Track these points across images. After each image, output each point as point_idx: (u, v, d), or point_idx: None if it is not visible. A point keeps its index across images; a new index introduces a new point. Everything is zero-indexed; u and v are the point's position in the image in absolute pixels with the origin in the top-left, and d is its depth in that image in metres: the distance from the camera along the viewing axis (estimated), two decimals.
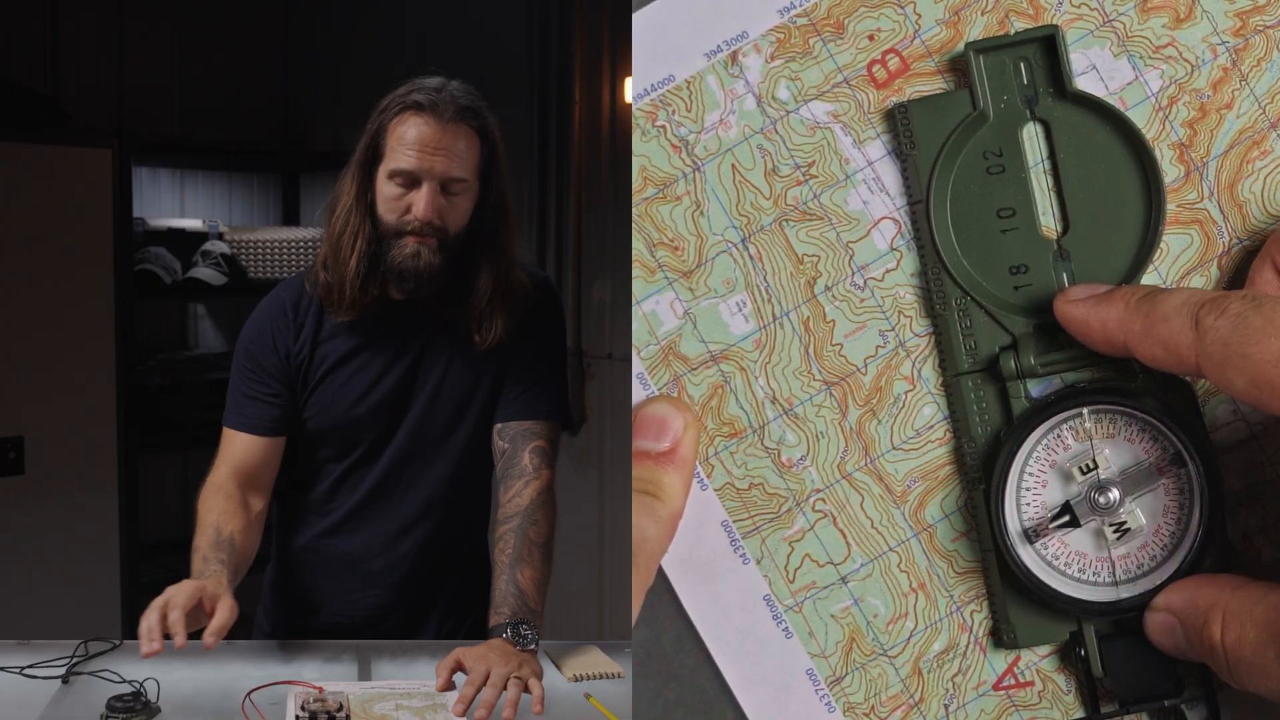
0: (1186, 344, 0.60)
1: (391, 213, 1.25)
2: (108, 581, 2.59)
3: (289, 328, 1.32)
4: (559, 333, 1.39)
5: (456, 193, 1.25)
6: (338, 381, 1.32)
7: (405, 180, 1.24)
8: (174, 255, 2.92)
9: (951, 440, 0.68)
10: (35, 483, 2.51)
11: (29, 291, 2.48)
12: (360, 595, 1.34)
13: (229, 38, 3.23)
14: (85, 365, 2.56)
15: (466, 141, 1.25)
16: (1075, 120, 0.67)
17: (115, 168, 2.58)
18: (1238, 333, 0.58)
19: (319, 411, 1.32)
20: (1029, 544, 0.65)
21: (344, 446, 1.33)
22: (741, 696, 0.68)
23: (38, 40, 2.89)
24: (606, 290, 2.62)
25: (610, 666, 1.25)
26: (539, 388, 1.32)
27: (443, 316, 1.29)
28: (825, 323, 0.69)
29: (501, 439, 1.31)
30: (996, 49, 0.67)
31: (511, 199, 1.33)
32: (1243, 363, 0.58)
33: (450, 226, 1.26)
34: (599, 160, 2.62)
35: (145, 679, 1.11)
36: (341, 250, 1.27)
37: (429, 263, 1.24)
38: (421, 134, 1.23)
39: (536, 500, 1.26)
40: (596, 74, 2.60)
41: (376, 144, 1.26)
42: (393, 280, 1.27)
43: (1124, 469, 0.65)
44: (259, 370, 1.33)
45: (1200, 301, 0.60)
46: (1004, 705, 0.68)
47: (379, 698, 1.13)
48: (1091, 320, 0.63)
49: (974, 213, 0.68)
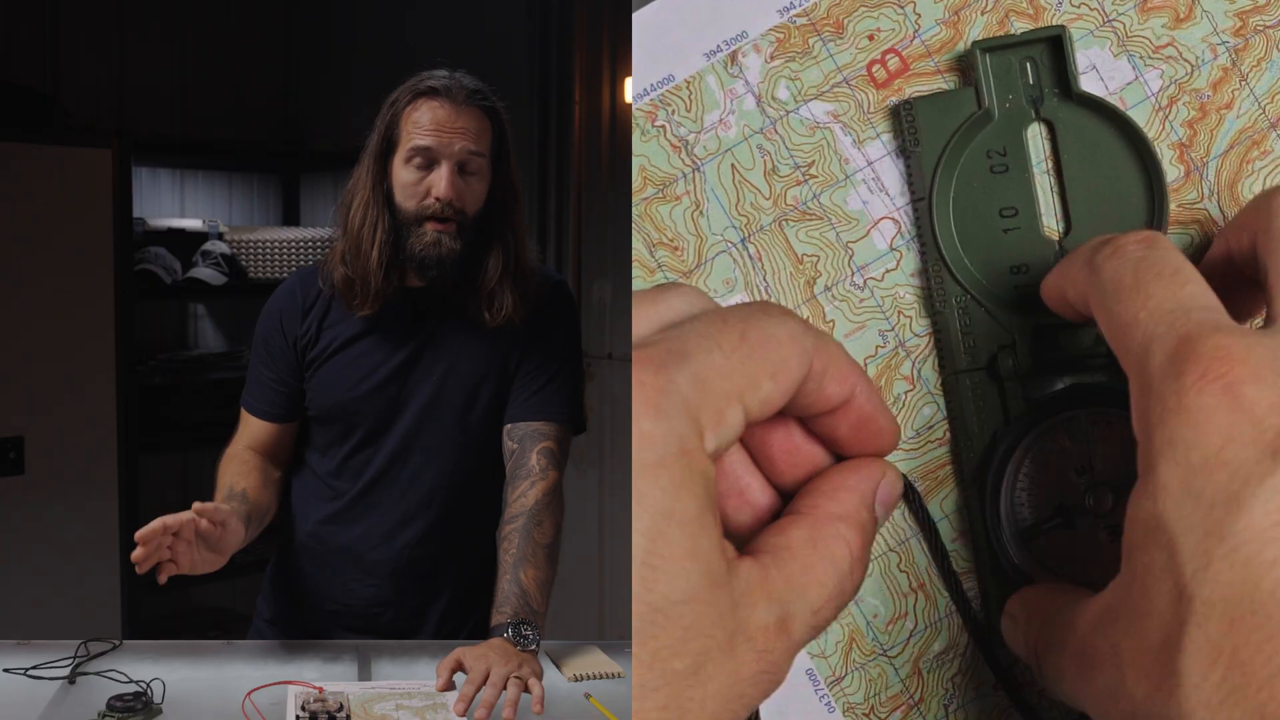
0: (1082, 280, 0.57)
1: (410, 199, 1.27)
2: (108, 581, 2.59)
3: (297, 313, 1.35)
4: (573, 336, 1.40)
5: (473, 171, 1.28)
6: (341, 364, 1.34)
7: (424, 161, 1.26)
8: (174, 255, 2.93)
9: (951, 440, 0.68)
10: (35, 483, 2.51)
11: (29, 291, 2.48)
12: (359, 585, 1.35)
13: (229, 38, 3.23)
14: (85, 365, 2.57)
15: (479, 122, 1.28)
16: (1080, 121, 0.67)
17: (115, 168, 2.58)
18: (1119, 276, 0.55)
19: (322, 393, 1.34)
20: (1024, 545, 0.65)
21: (346, 430, 1.34)
22: None
23: (38, 40, 2.89)
24: (606, 290, 2.62)
25: (610, 666, 1.25)
26: (550, 389, 1.33)
27: (454, 300, 1.30)
28: (825, 323, 0.69)
29: (511, 439, 1.31)
30: (1003, 48, 0.67)
31: (520, 181, 1.35)
32: (1105, 316, 0.55)
33: (469, 209, 1.28)
34: (599, 160, 2.62)
35: (151, 679, 1.11)
36: (362, 243, 1.27)
37: (450, 249, 1.26)
38: (437, 116, 1.26)
39: (542, 501, 1.27)
40: (596, 74, 2.60)
41: (391, 134, 1.28)
42: (413, 269, 1.28)
43: (1119, 470, 0.65)
44: (271, 355, 1.36)
45: (1102, 242, 0.57)
46: (1004, 705, 0.68)
47: (379, 698, 1.13)
48: (1048, 283, 0.62)
49: (976, 211, 0.68)
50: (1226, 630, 0.48)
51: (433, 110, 1.26)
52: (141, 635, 2.40)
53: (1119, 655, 0.51)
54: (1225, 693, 0.47)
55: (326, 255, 1.34)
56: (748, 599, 0.53)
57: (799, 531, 0.56)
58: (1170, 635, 0.49)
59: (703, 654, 0.51)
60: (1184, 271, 0.54)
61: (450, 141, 1.25)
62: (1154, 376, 0.52)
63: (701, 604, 0.51)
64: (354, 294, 1.29)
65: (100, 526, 2.59)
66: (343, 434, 1.34)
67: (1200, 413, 0.50)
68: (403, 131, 1.26)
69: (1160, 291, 0.53)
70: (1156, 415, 0.51)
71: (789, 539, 0.56)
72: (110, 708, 1.07)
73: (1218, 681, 0.48)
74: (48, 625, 2.29)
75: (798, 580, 0.54)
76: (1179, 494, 0.49)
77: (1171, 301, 0.53)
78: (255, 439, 1.35)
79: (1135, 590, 0.51)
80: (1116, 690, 0.52)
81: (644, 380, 0.52)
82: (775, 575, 0.54)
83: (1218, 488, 0.49)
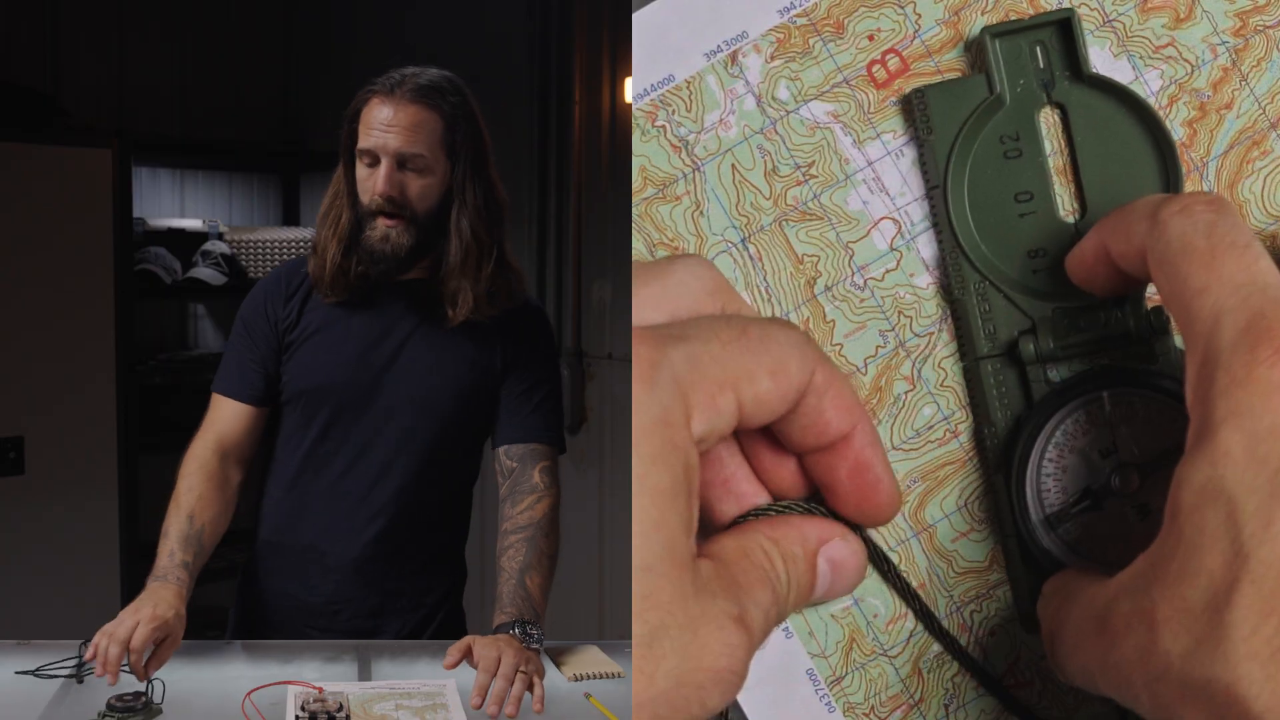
0: (1140, 235, 0.57)
1: (364, 194, 1.32)
2: (108, 581, 2.59)
3: (280, 297, 1.38)
4: (555, 360, 1.45)
5: (417, 169, 1.31)
6: (316, 346, 1.37)
7: (370, 160, 1.30)
8: (174, 255, 2.93)
9: (952, 440, 0.68)
10: (35, 483, 2.51)
11: (29, 292, 2.48)
12: (320, 581, 1.36)
13: (229, 38, 3.23)
14: (85, 365, 2.57)
15: (423, 119, 1.30)
16: (1092, 103, 0.67)
17: (115, 168, 2.58)
18: (1189, 239, 0.55)
19: (298, 375, 1.37)
20: (1051, 529, 0.65)
21: (315, 415, 1.37)
22: (741, 696, 0.68)
23: (38, 40, 2.89)
24: (606, 290, 2.62)
25: (610, 666, 1.25)
26: (543, 410, 1.38)
27: (419, 295, 1.35)
28: (825, 323, 0.69)
29: (509, 459, 1.36)
30: (1013, 33, 0.67)
31: (494, 179, 1.37)
32: (1170, 274, 0.55)
33: (417, 205, 1.32)
34: (599, 160, 2.62)
35: (152, 679, 1.11)
36: (323, 231, 1.35)
37: (396, 244, 1.30)
38: (380, 114, 1.30)
39: (550, 515, 1.32)
40: (596, 74, 2.60)
41: (353, 132, 1.33)
42: (368, 260, 1.32)
43: (1144, 450, 0.65)
44: (252, 337, 1.39)
45: (1165, 199, 0.57)
46: (1004, 705, 0.68)
47: (379, 698, 1.13)
48: (1083, 245, 0.62)
49: (991, 197, 0.67)
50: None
51: (377, 109, 1.30)
52: None
53: (1153, 616, 0.52)
54: (1276, 647, 0.48)
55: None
56: (708, 589, 0.54)
57: (730, 540, 0.58)
58: (1218, 593, 0.50)
59: (659, 627, 0.52)
60: (1255, 245, 0.55)
61: (386, 140, 1.29)
62: (1222, 348, 0.52)
63: (658, 576, 0.52)
64: (321, 282, 1.34)
65: (100, 526, 2.59)
66: (311, 420, 1.37)
67: (1270, 385, 0.51)
68: (359, 130, 1.31)
69: (1234, 263, 0.54)
70: (1222, 385, 0.52)
71: (722, 545, 0.58)
72: (110, 708, 1.07)
73: (1269, 635, 0.49)
74: (48, 625, 2.29)
75: (741, 581, 0.56)
76: (1242, 458, 0.51)
77: (1244, 275, 0.53)
78: (225, 430, 1.35)
79: (1182, 552, 0.52)
80: (1146, 652, 0.52)
81: (641, 353, 0.53)
82: (723, 574, 0.56)
83: None
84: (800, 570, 0.59)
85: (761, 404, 0.56)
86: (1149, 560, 0.54)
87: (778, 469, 0.61)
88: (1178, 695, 0.51)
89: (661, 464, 0.52)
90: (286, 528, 1.37)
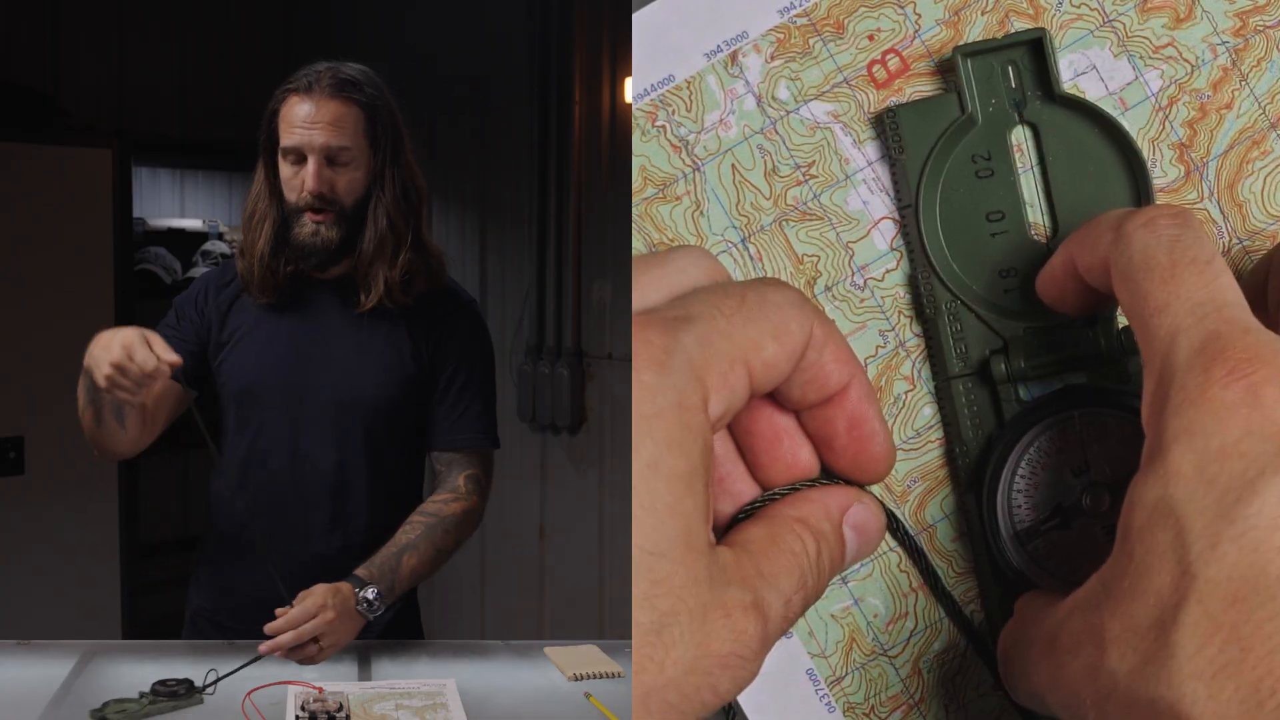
0: (1105, 246, 0.57)
1: (291, 191, 1.34)
2: (108, 581, 2.59)
3: (214, 292, 1.41)
4: (488, 357, 1.46)
5: (344, 163, 1.33)
6: (244, 349, 1.39)
7: (295, 158, 1.32)
8: (174, 255, 2.93)
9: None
10: (35, 483, 2.51)
11: (29, 292, 2.48)
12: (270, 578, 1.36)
13: (229, 38, 3.23)
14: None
15: (345, 112, 1.32)
16: (1063, 123, 0.67)
17: (115, 168, 2.58)
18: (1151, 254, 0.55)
19: (230, 377, 1.39)
20: (1021, 546, 0.65)
21: (247, 415, 1.39)
22: (741, 696, 0.68)
23: (38, 40, 2.89)
24: (606, 290, 2.62)
25: (610, 666, 1.25)
26: (472, 412, 1.40)
27: (347, 291, 1.37)
28: None
29: (439, 463, 1.40)
30: (984, 53, 0.67)
31: (413, 167, 1.39)
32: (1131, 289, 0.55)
33: (344, 198, 1.34)
34: (599, 160, 2.62)
35: (154, 680, 1.11)
36: (251, 235, 1.36)
37: (326, 238, 1.33)
38: (302, 112, 1.31)
39: (459, 516, 1.35)
40: (596, 74, 2.60)
41: (272, 131, 1.35)
42: (297, 257, 1.35)
43: (1116, 470, 0.65)
44: (181, 320, 1.41)
45: (1130, 212, 0.57)
46: (1004, 706, 0.68)
47: (379, 698, 1.13)
48: (1052, 264, 0.61)
49: (963, 216, 0.68)
50: (1227, 607, 0.48)
51: (297, 106, 1.31)
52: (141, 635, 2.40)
53: (1101, 635, 0.52)
54: (1220, 666, 0.48)
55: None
56: (723, 577, 0.53)
57: (757, 529, 0.57)
58: (1166, 612, 0.49)
59: (670, 614, 0.51)
60: (1216, 262, 0.54)
61: (312, 137, 1.30)
62: (1177, 366, 0.52)
63: (673, 562, 0.51)
64: (250, 283, 1.36)
65: (100, 526, 2.59)
66: (248, 420, 1.39)
67: (1222, 406, 0.50)
68: (280, 130, 1.33)
69: (1193, 280, 0.53)
70: (1175, 403, 0.52)
71: (749, 535, 0.57)
72: (155, 692, 1.09)
73: (1213, 655, 0.48)
74: (48, 625, 2.29)
75: (765, 570, 0.55)
76: (1192, 478, 0.50)
77: (1203, 293, 0.53)
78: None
79: (1132, 571, 0.51)
80: (1094, 670, 0.52)
81: (650, 339, 0.52)
82: (746, 562, 0.55)
83: (1232, 475, 0.49)
84: (832, 544, 0.58)
85: (770, 369, 0.56)
86: (1101, 579, 0.53)
87: (773, 461, 0.61)
88: (1124, 714, 0.50)
89: (678, 449, 0.52)
90: (236, 525, 1.38)
